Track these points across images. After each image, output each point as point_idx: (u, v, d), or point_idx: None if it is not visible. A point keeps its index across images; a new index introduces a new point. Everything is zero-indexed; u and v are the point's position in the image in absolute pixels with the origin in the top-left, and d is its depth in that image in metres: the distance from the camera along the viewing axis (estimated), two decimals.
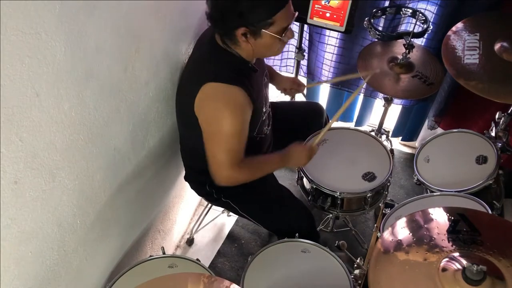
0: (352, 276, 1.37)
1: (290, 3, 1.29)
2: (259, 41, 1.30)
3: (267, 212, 1.65)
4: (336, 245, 1.38)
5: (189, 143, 1.60)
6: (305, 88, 1.98)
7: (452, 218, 1.10)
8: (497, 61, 1.54)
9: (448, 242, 1.04)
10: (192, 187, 1.74)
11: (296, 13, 1.32)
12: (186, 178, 1.73)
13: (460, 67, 1.55)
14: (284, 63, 2.43)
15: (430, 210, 1.14)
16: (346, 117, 2.54)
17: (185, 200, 2.07)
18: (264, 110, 1.53)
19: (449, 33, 1.66)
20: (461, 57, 1.57)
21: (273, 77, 1.81)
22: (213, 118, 1.35)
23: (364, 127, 2.55)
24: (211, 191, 1.62)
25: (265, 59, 1.67)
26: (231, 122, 1.32)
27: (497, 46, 1.57)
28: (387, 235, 1.10)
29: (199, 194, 1.76)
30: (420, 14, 1.78)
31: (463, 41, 1.62)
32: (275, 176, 1.75)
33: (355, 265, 1.35)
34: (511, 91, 1.48)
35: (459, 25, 1.67)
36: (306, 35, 2.19)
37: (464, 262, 0.96)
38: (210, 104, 1.34)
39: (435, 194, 1.56)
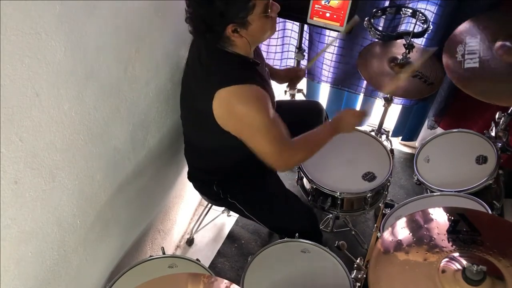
0: (352, 276, 1.37)
1: None
2: (251, 28, 1.28)
3: (273, 213, 1.65)
4: (336, 245, 1.37)
5: (197, 143, 1.59)
6: (306, 71, 2.02)
7: (452, 218, 1.10)
8: (497, 62, 1.54)
9: (448, 242, 1.04)
10: (196, 186, 1.73)
11: None
12: (190, 178, 1.72)
13: (460, 72, 1.55)
14: (284, 63, 2.43)
15: (430, 210, 1.14)
16: None
17: (185, 200, 2.07)
18: (275, 100, 1.53)
19: (450, 36, 1.66)
20: (461, 62, 1.57)
21: (272, 73, 1.81)
22: (245, 122, 1.33)
23: (364, 127, 2.55)
24: (218, 191, 1.62)
25: (265, 59, 1.67)
26: (261, 115, 1.31)
27: (497, 46, 1.57)
28: (387, 235, 1.10)
29: (203, 194, 1.75)
30: (420, 14, 1.78)
31: (463, 45, 1.62)
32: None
33: (355, 266, 1.35)
34: (511, 92, 1.48)
35: (461, 27, 1.67)
36: (306, 35, 2.19)
37: (464, 262, 0.96)
38: (234, 110, 1.31)
39: (435, 194, 1.56)
